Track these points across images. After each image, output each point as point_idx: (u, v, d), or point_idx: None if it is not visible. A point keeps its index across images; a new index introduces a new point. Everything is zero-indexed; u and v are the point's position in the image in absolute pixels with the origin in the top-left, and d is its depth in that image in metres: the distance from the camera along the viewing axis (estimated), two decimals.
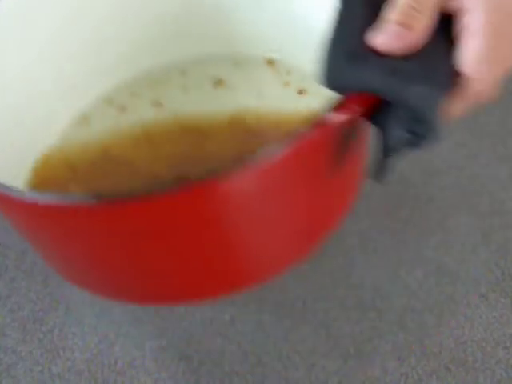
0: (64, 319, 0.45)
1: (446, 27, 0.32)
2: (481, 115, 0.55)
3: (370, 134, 0.36)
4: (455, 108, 0.33)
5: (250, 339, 0.44)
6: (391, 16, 0.30)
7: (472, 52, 0.31)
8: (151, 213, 0.28)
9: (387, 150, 0.32)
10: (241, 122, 0.43)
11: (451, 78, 0.31)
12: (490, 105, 0.56)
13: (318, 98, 0.43)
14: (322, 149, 0.31)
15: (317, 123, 0.28)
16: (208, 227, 0.30)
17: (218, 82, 0.46)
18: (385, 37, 0.30)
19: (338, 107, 0.29)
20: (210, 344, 0.44)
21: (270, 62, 0.47)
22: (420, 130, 0.31)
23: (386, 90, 0.29)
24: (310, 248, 0.35)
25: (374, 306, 0.45)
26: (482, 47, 0.30)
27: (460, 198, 0.50)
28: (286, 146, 0.28)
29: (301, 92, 0.45)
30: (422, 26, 0.30)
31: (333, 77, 0.30)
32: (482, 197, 0.51)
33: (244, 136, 0.42)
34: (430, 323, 0.45)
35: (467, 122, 0.55)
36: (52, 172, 0.42)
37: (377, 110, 0.31)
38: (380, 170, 0.33)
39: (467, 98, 0.33)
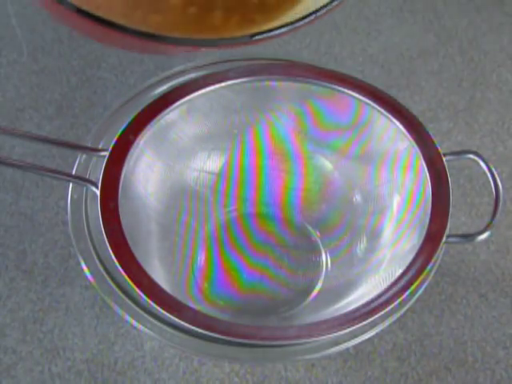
0: (64, 319, 0.45)
1: None
2: (481, 115, 0.55)
3: None
4: None
5: None
6: None
7: None
8: None
9: None
10: None
11: None
12: (490, 104, 0.56)
13: None
14: None
15: None
16: None
17: None
18: None
19: None
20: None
21: None
22: None
23: None
24: None
25: None
26: None
27: (460, 198, 0.50)
28: None
29: None
30: None
31: None
32: (482, 197, 0.51)
33: None
34: (430, 323, 0.45)
35: (467, 121, 0.55)
36: None
37: None
38: None
39: None
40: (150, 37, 0.30)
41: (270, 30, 0.31)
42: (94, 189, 0.38)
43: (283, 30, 0.31)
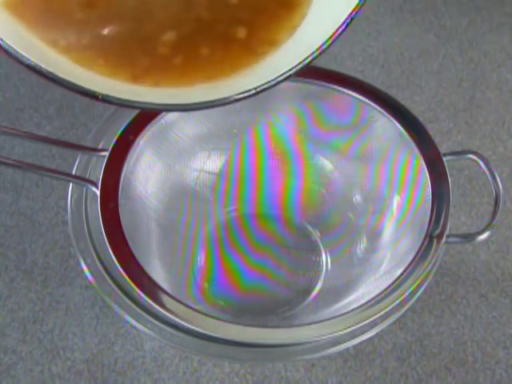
0: (64, 319, 0.45)
1: None
2: (481, 115, 0.55)
3: None
4: None
5: None
6: None
7: None
8: None
9: None
10: None
11: None
12: (490, 104, 0.56)
13: None
14: None
15: None
16: None
17: None
18: None
19: None
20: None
21: None
22: None
23: None
24: None
25: None
26: None
27: (460, 198, 0.50)
28: None
29: None
30: None
31: None
32: (482, 197, 0.51)
33: None
34: (430, 323, 0.45)
35: (467, 121, 0.55)
36: None
37: None
38: None
39: None
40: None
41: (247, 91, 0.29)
42: (94, 189, 0.38)
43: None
